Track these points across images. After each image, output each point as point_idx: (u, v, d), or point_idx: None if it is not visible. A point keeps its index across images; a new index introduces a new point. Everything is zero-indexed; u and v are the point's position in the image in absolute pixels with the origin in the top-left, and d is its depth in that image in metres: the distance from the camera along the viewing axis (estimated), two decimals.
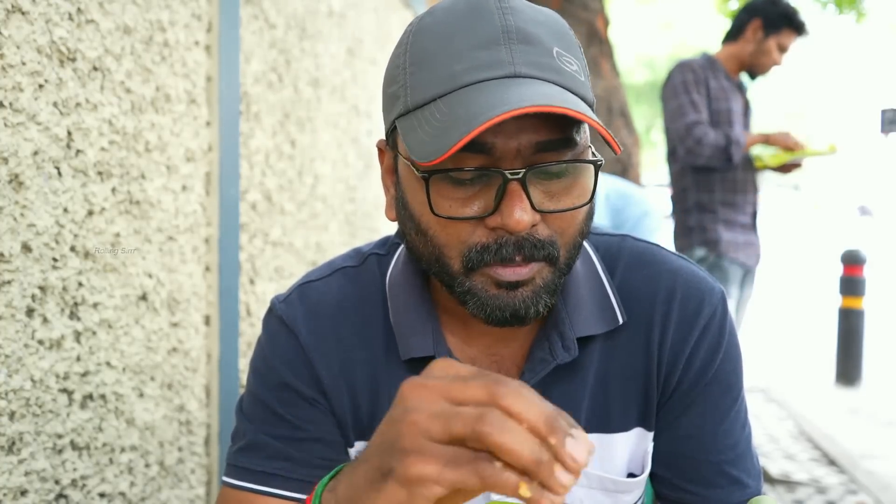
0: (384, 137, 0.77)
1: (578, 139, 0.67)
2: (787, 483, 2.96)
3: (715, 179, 2.79)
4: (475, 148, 0.64)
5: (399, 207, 0.74)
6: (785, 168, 2.83)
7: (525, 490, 0.44)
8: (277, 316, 0.83)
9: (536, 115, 0.63)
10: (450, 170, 0.65)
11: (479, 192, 0.66)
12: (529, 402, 0.45)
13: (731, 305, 2.81)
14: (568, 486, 0.44)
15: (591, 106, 0.69)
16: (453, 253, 0.68)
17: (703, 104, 2.74)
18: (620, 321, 0.79)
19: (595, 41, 4.17)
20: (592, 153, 0.70)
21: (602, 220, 2.24)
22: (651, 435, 0.82)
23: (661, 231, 2.34)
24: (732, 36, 2.88)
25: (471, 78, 0.64)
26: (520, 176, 0.64)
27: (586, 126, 0.69)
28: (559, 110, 0.59)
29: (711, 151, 2.66)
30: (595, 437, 0.81)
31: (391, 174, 0.76)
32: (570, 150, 0.66)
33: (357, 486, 0.56)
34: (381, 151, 0.78)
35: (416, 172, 0.67)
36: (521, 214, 0.63)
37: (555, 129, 0.65)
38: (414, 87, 0.67)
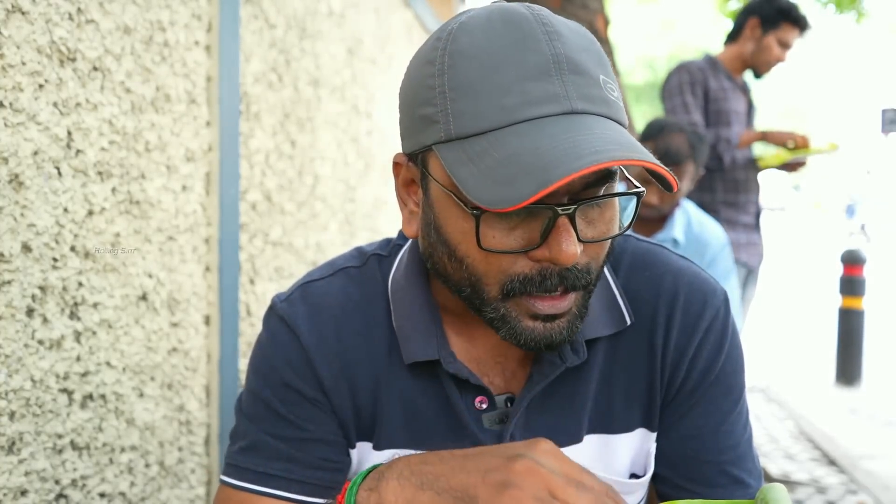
0: (402, 152, 0.75)
1: (616, 168, 0.67)
2: (787, 483, 2.96)
3: (716, 179, 2.79)
4: None
5: (427, 229, 0.72)
6: (789, 167, 2.83)
7: None
8: (279, 315, 0.83)
9: None
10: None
11: (522, 221, 0.66)
12: None
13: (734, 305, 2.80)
14: None
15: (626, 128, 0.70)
16: (492, 281, 0.68)
17: (696, 106, 2.75)
18: (628, 322, 0.80)
19: None
20: (625, 175, 0.71)
21: (679, 236, 2.15)
22: (654, 436, 0.83)
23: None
24: (733, 37, 2.91)
25: (526, 114, 0.63)
26: (570, 212, 0.64)
27: None
28: (632, 163, 0.59)
29: None
30: (598, 438, 0.81)
31: (411, 189, 0.75)
32: (610, 180, 0.67)
33: None
34: (398, 165, 0.76)
35: (463, 206, 0.66)
36: (572, 247, 0.64)
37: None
38: (457, 115, 0.65)
